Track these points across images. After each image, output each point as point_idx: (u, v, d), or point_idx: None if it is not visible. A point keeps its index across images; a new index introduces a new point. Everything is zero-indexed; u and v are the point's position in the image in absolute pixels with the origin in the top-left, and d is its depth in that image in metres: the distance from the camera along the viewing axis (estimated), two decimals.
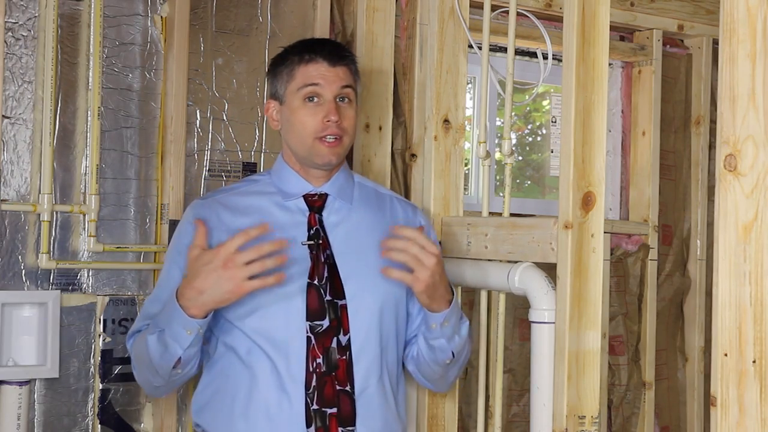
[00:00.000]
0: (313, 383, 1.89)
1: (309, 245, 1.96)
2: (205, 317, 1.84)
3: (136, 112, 2.38)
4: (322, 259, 1.96)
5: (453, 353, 2.03)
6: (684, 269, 3.33)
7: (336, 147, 1.97)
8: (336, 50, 2.03)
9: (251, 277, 1.81)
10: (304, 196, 2.02)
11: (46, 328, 2.24)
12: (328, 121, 1.95)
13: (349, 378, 1.92)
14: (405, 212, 2.13)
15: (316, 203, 2.01)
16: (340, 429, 1.90)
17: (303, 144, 1.98)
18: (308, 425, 1.88)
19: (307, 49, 2.01)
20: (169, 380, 1.94)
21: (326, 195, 2.03)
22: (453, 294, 2.00)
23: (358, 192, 2.09)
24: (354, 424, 1.92)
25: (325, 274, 1.95)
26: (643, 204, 3.22)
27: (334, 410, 1.90)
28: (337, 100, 1.98)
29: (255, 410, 1.90)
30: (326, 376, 1.90)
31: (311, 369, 1.90)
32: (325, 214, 2.01)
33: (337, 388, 1.91)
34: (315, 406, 1.89)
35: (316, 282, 1.93)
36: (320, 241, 1.97)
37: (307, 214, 2.00)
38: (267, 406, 1.89)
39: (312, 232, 1.98)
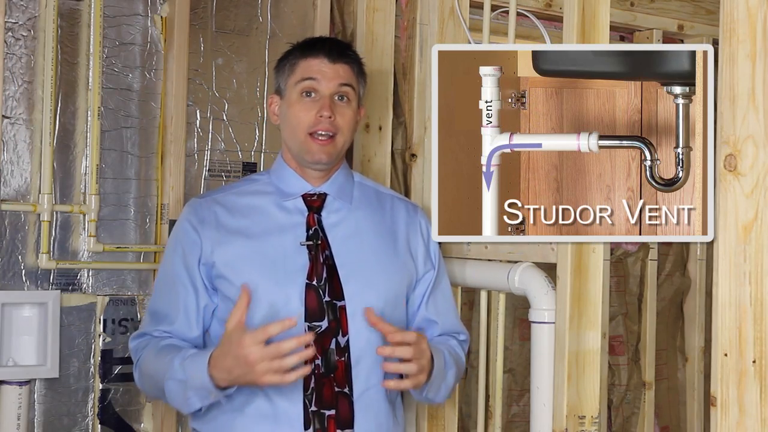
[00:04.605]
0: (312, 385, 1.88)
1: (308, 246, 1.95)
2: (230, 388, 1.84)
3: (136, 112, 2.38)
4: (321, 260, 1.94)
5: (445, 395, 2.02)
6: (684, 269, 3.33)
7: (327, 145, 1.95)
8: (338, 47, 2.02)
9: None
10: (302, 196, 2.00)
11: (46, 328, 2.24)
12: (321, 116, 1.93)
13: (348, 380, 1.91)
14: (406, 211, 2.10)
15: (314, 203, 2.00)
16: (338, 431, 1.89)
17: (296, 139, 1.97)
18: (306, 427, 1.87)
19: (310, 44, 2.01)
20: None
21: (325, 195, 2.01)
22: (433, 362, 1.93)
23: (358, 192, 2.07)
24: (352, 426, 1.90)
25: (324, 275, 1.93)
26: None
27: (333, 412, 1.89)
28: (336, 97, 1.97)
29: (254, 412, 1.89)
30: (325, 377, 1.89)
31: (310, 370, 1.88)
32: (324, 214, 1.99)
33: (336, 389, 1.90)
34: (313, 408, 1.88)
35: (314, 282, 1.92)
36: (319, 242, 1.95)
37: (306, 214, 1.99)
38: (265, 408, 1.89)
39: (311, 232, 1.96)
